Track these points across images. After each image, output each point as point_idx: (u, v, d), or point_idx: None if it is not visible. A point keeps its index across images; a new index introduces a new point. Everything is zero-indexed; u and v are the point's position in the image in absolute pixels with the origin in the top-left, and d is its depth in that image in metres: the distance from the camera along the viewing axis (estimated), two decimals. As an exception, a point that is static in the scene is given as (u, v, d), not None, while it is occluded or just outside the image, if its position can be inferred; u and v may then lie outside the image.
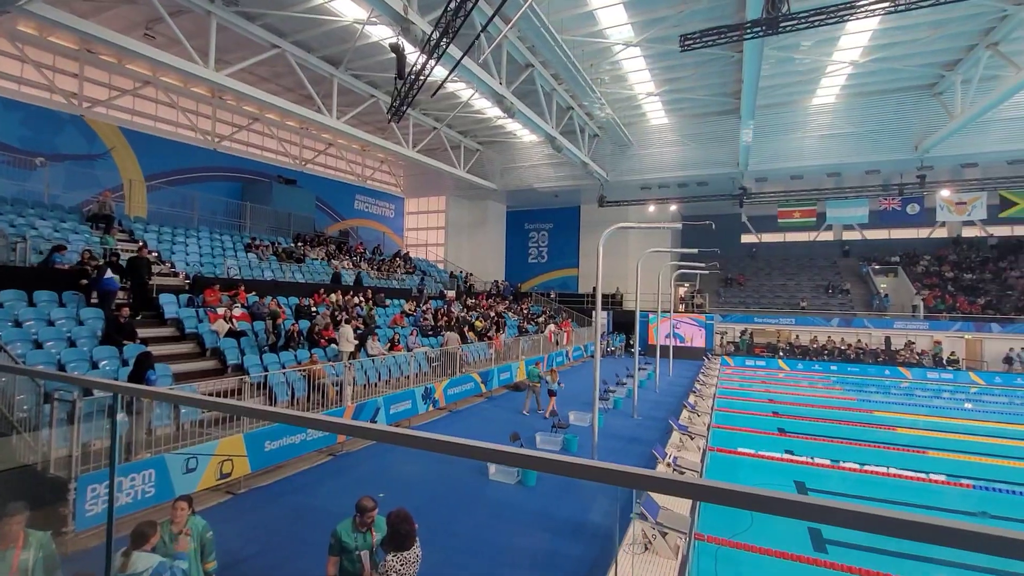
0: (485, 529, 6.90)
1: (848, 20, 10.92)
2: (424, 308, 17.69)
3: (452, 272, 27.36)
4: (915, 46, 15.74)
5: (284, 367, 10.18)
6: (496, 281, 30.09)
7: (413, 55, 12.77)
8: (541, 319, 25.43)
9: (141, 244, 12.57)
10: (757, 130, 20.02)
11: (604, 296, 30.89)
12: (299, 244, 18.83)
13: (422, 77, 12.53)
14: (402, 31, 11.78)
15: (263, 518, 7.02)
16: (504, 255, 34.43)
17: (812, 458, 10.74)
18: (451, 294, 22.32)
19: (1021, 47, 13.20)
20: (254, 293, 12.70)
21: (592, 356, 8.92)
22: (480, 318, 19.97)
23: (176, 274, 12.54)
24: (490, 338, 17.76)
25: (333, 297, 14.66)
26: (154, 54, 11.94)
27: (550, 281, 34.09)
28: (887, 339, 24.85)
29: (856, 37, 15.29)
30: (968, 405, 17.82)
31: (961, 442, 12.51)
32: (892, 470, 10.10)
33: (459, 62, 11.92)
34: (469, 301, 22.59)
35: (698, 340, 27.57)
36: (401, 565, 3.53)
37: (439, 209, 32.71)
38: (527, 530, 6.91)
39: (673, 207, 27.26)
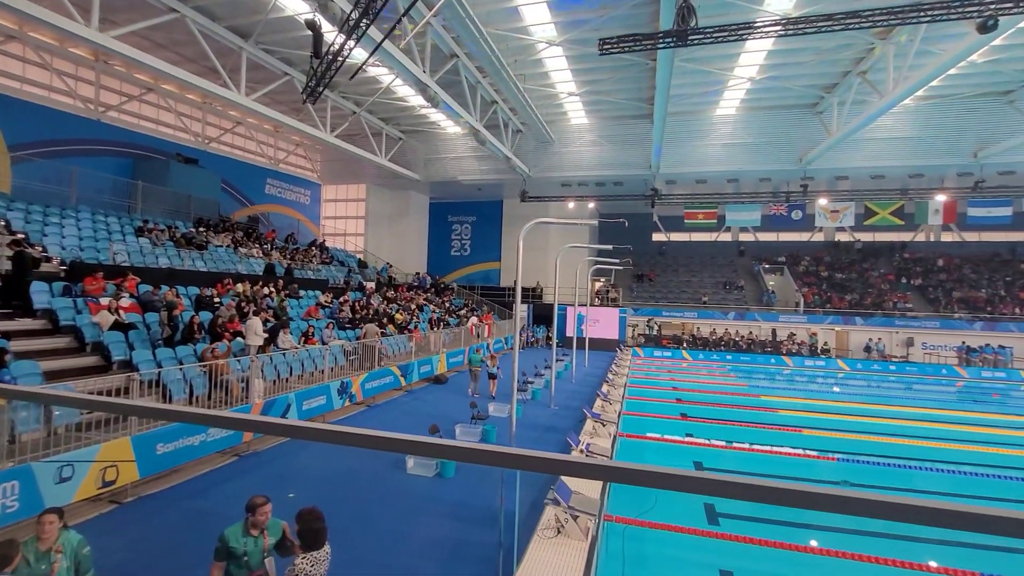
0: (402, 523, 6.86)
1: (746, 39, 11.96)
2: (342, 300, 17.04)
3: (361, 261, 26.54)
4: (801, 68, 17.56)
5: (181, 363, 9.38)
6: (418, 273, 29.64)
7: (331, 34, 12.17)
8: (463, 312, 25.45)
9: (19, 235, 10.92)
10: (667, 136, 21.35)
11: (525, 290, 31.56)
12: (201, 229, 17.31)
13: (340, 58, 11.99)
14: (319, 7, 11.19)
15: (152, 528, 6.45)
16: (427, 247, 33.96)
17: (710, 440, 11.77)
18: (370, 285, 21.68)
19: (884, 77, 15.19)
20: (146, 282, 11.53)
21: (512, 348, 9.16)
22: (400, 310, 19.61)
23: (48, 259, 11.06)
24: (411, 331, 17.51)
25: (240, 287, 13.70)
26: (21, 5, 10.36)
27: (473, 274, 34.15)
28: (773, 331, 27.72)
29: (753, 56, 16.75)
30: (836, 388, 20.39)
31: (829, 420, 14.30)
32: (775, 447, 11.36)
33: (379, 45, 11.55)
34: (389, 293, 22.07)
35: (612, 332, 28.98)
36: (311, 566, 3.44)
37: (359, 198, 31.53)
38: (445, 522, 6.97)
39: (591, 205, 28.37)
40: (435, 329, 19.79)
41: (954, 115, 19.75)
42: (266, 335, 11.18)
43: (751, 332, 28.04)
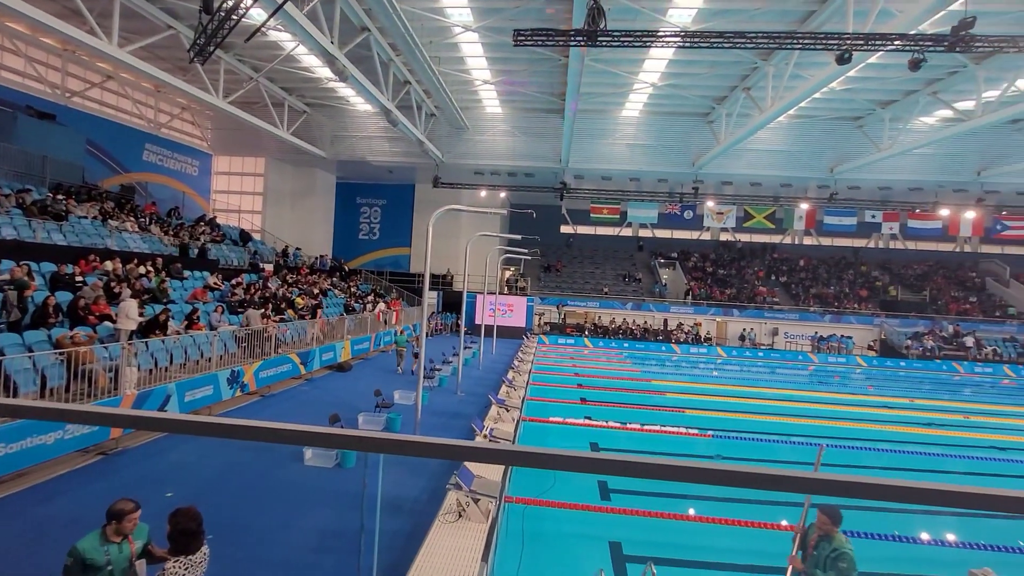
0: (299, 517, 6.60)
1: (650, 46, 12.74)
2: (235, 282, 15.72)
3: (246, 237, 24.74)
4: (696, 79, 19.05)
5: (31, 349, 8.15)
6: (321, 256, 28.13)
7: (225, -10, 11.05)
8: (370, 297, 24.64)
9: None
10: (576, 132, 22.16)
11: (435, 277, 31.25)
12: (59, 197, 14.96)
13: (235, 16, 10.95)
14: (211, -41, 10.11)
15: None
16: (332, 229, 32.30)
17: (607, 421, 12.60)
18: (268, 267, 20.22)
19: (764, 94, 16.99)
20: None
21: (419, 335, 9.09)
22: (302, 295, 18.53)
23: None
24: (313, 316, 16.65)
25: (109, 265, 12.12)
26: None
27: (382, 259, 33.12)
28: (665, 320, 30.13)
29: (656, 63, 17.88)
30: (715, 373, 22.69)
31: (708, 401, 15.92)
32: (662, 427, 12.44)
33: (281, 7, 10.71)
34: (290, 276, 20.75)
35: (519, 321, 29.71)
36: (184, 569, 3.19)
37: (257, 172, 29.11)
38: (345, 512, 6.80)
39: (503, 194, 28.70)
40: (326, 315, 18.99)
41: (817, 134, 22.63)
42: (141, 319, 10.04)
43: (646, 321, 30.23)
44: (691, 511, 7.61)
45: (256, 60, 19.49)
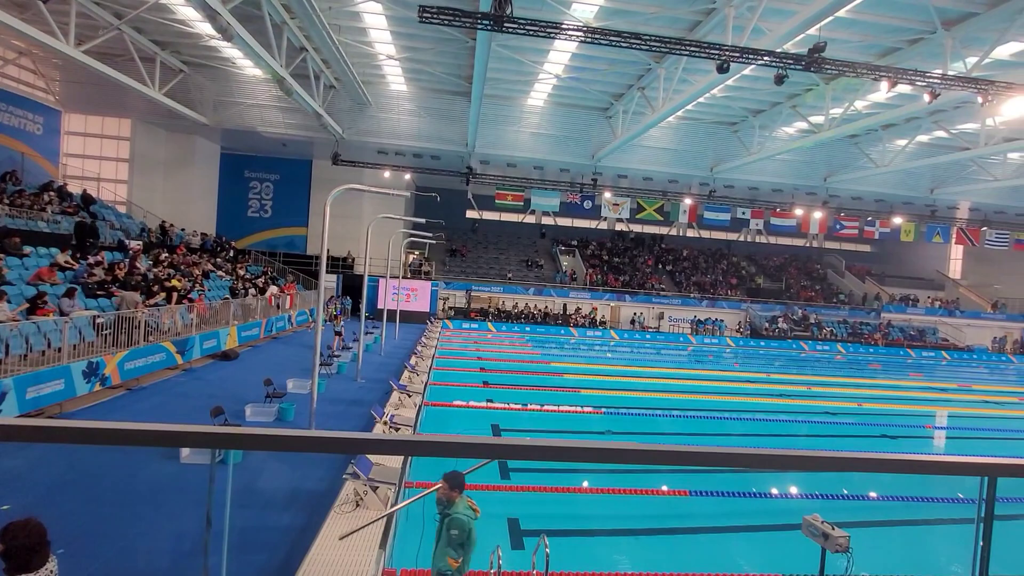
0: (175, 520, 6.07)
1: (554, 38, 13.04)
2: (93, 261, 13.71)
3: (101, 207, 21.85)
4: (597, 75, 19.89)
5: None
6: (204, 234, 25.43)
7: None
8: (261, 280, 22.84)
9: None
10: (483, 117, 22.14)
11: (334, 259, 29.75)
12: None
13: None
14: None
15: None
16: (216, 204, 29.27)
17: (508, 403, 13.00)
18: (136, 245, 17.90)
19: (656, 94, 18.22)
20: None
21: (315, 321, 8.63)
22: (179, 276, 16.67)
23: None
24: (191, 300, 15.08)
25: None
26: None
27: (275, 239, 30.76)
28: (564, 305, 31.55)
29: (561, 55, 18.35)
30: (608, 354, 24.30)
31: (602, 381, 17.05)
32: (560, 406, 13.12)
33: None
34: (164, 255, 18.54)
35: (423, 305, 29.37)
36: None
37: (121, 135, 25.42)
38: (230, 511, 6.38)
39: (407, 176, 27.94)
40: (208, 298, 17.41)
41: (700, 136, 24.78)
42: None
43: (547, 306, 31.41)
44: (585, 483, 8.17)
45: (119, 6, 16.86)
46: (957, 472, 1.36)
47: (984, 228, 29.57)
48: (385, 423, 8.66)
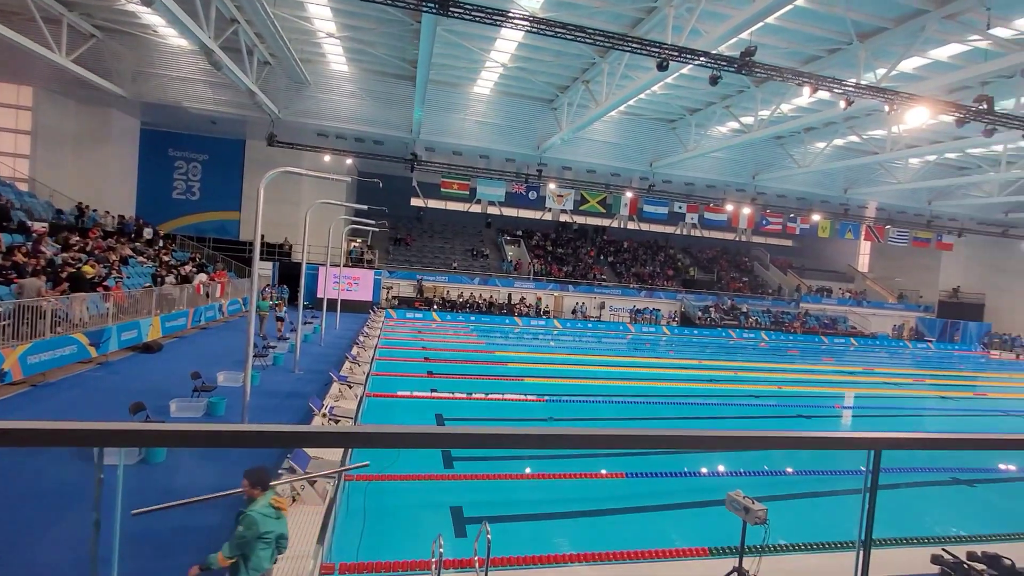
0: (89, 527, 5.64)
1: (500, 26, 12.97)
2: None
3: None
4: (543, 66, 19.99)
5: None
6: (122, 216, 23.43)
7: None
8: (188, 267, 21.39)
9: None
10: (428, 103, 21.74)
11: (270, 246, 28.35)
12: None
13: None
14: None
15: None
16: (136, 185, 27.01)
17: (453, 393, 13.00)
18: (40, 227, 16.23)
19: (600, 88, 18.59)
20: None
21: (249, 310, 8.19)
22: (93, 262, 15.28)
23: None
24: (107, 288, 13.89)
25: None
26: None
27: (204, 224, 28.85)
28: (509, 295, 31.79)
29: (508, 44, 18.29)
30: (552, 343, 24.79)
31: (544, 369, 17.38)
32: (504, 394, 13.27)
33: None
34: (74, 239, 16.91)
35: (366, 295, 28.65)
36: None
37: (20, 104, 22.83)
38: (153, 513, 6.01)
39: (349, 161, 26.98)
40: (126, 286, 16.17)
41: (641, 131, 25.56)
42: None
43: (492, 296, 31.52)
44: (527, 470, 8.35)
45: (14, -42, 15.08)
46: (847, 447, 1.52)
47: (888, 226, 32.53)
48: (324, 415, 8.43)
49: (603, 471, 8.45)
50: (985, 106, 13.74)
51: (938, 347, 34.68)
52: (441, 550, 4.04)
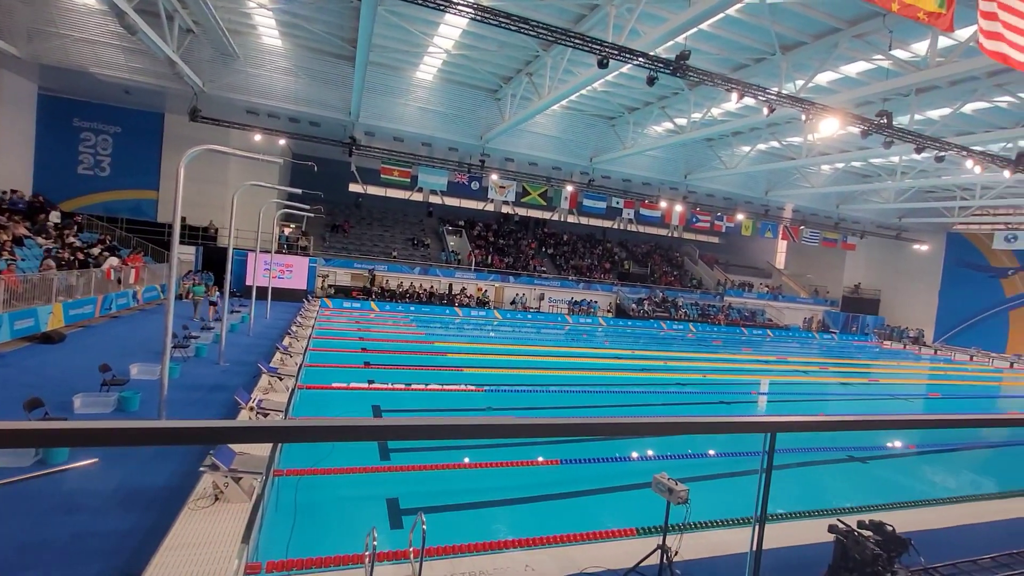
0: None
1: (444, 10, 12.70)
2: None
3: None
4: (487, 55, 19.85)
5: None
6: (15, 191, 20.93)
7: None
8: (97, 250, 19.51)
9: None
10: (369, 85, 21.00)
11: (194, 229, 26.44)
12: None
13: None
14: None
15: None
16: (32, 156, 24.18)
17: (391, 384, 12.79)
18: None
19: (543, 82, 18.74)
20: None
21: (167, 298, 7.54)
22: (-26, 243, 13.61)
23: None
24: (-5, 272, 12.43)
25: None
26: None
27: (116, 203, 26.36)
28: (450, 285, 31.57)
29: (452, 30, 17.99)
30: (492, 334, 24.92)
31: (484, 360, 17.47)
32: (444, 385, 13.22)
33: None
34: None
35: (300, 283, 27.45)
36: None
37: None
38: (55, 518, 5.52)
39: (282, 142, 25.58)
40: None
41: (582, 127, 26.06)
42: None
43: (432, 286, 31.16)
44: (466, 460, 8.39)
45: None
46: (745, 430, 1.67)
47: (802, 227, 35.30)
48: (251, 409, 8.04)
49: (540, 458, 8.67)
50: (885, 120, 15.18)
51: (841, 338, 38.20)
52: (375, 543, 4.01)
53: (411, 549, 4.47)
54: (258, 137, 24.09)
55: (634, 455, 9.50)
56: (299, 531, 5.67)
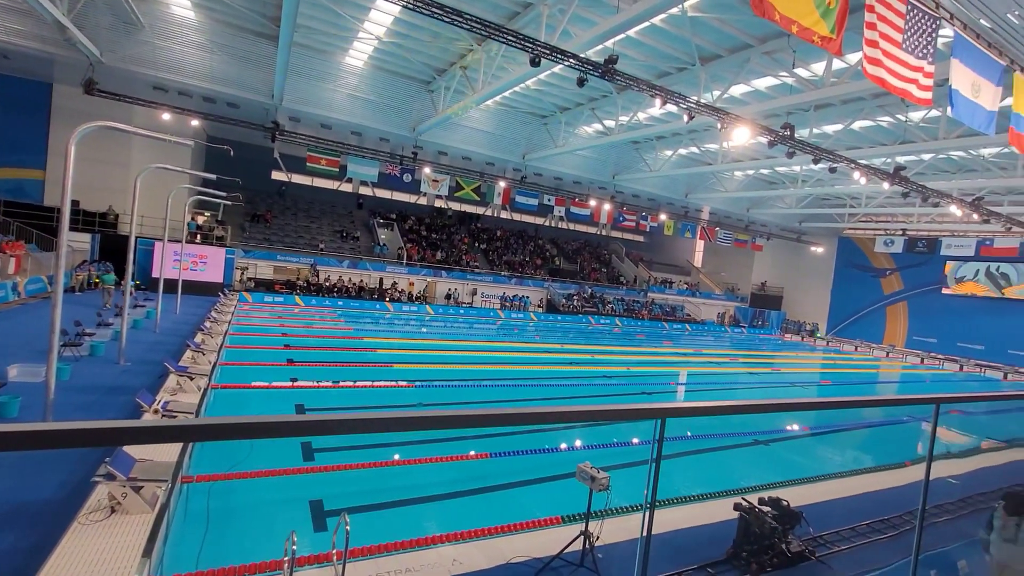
0: None
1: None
2: None
3: None
4: (421, 45, 19.46)
5: None
6: None
7: None
8: (-40, 235, 17.05)
9: None
10: (293, 68, 19.93)
11: (89, 214, 23.82)
12: None
13: None
14: None
15: None
16: None
17: (317, 381, 12.29)
18: None
19: (477, 76, 18.68)
20: None
21: (54, 290, 6.73)
22: None
23: None
24: None
25: None
26: None
27: (-11, 182, 23.18)
28: (381, 280, 30.78)
29: (383, 16, 17.45)
30: (424, 329, 24.62)
31: (415, 355, 17.24)
32: (373, 382, 12.90)
33: None
34: None
35: (216, 275, 25.59)
36: None
37: None
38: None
39: (195, 123, 23.62)
40: None
41: (515, 124, 26.27)
42: None
43: (362, 280, 30.19)
44: (396, 456, 8.26)
45: None
46: (637, 417, 1.79)
47: (717, 228, 37.85)
48: (156, 411, 7.42)
49: (472, 452, 8.72)
50: (788, 132, 16.61)
51: (749, 331, 41.47)
52: (294, 547, 3.86)
53: (334, 551, 4.35)
54: (167, 116, 22.06)
55: (562, 446, 9.79)
56: (212, 540, 5.33)
